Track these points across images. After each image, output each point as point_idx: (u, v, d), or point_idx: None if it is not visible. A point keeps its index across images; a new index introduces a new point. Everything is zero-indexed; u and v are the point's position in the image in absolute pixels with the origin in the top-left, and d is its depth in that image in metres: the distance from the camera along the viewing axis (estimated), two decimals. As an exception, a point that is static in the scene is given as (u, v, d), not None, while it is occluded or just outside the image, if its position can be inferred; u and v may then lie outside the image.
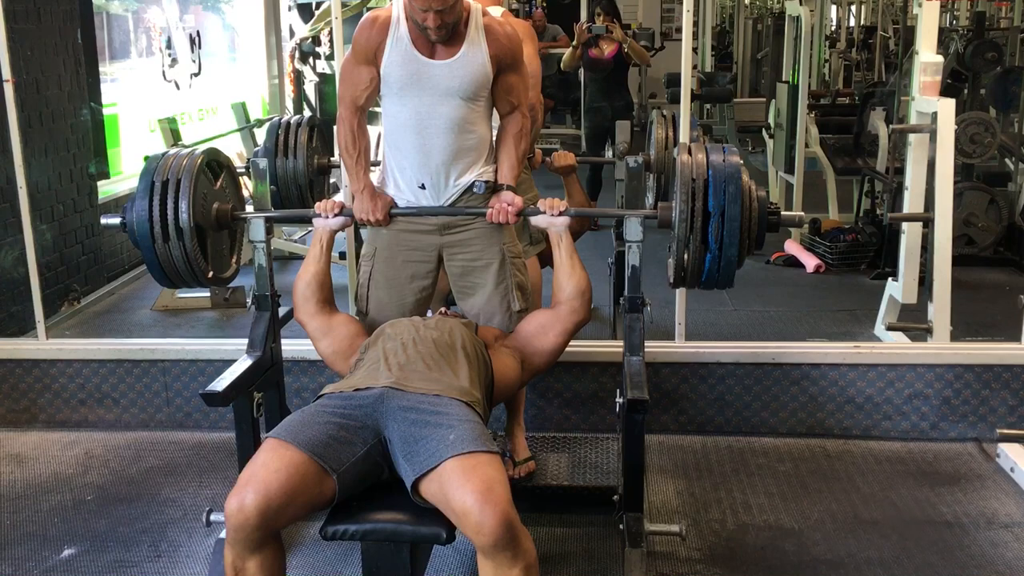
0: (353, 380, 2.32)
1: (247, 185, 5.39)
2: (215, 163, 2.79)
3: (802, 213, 2.74)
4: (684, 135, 3.48)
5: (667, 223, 2.53)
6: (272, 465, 2.03)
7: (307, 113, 6.48)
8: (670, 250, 2.55)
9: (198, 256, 2.65)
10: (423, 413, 2.15)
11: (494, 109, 2.72)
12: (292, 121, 3.66)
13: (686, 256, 2.46)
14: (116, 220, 2.70)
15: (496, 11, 3.04)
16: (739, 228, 2.39)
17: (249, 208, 2.93)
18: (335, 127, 2.75)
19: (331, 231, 2.71)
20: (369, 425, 2.18)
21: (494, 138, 2.75)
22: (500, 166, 2.69)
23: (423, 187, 2.67)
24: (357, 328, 2.65)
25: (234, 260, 2.93)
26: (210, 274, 2.74)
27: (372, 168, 2.78)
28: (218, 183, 2.78)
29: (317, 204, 2.73)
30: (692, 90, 3.98)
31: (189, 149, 2.74)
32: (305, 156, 3.58)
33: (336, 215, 2.70)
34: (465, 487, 1.96)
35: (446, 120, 2.60)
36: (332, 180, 3.83)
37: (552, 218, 2.64)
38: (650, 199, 3.87)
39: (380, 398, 2.21)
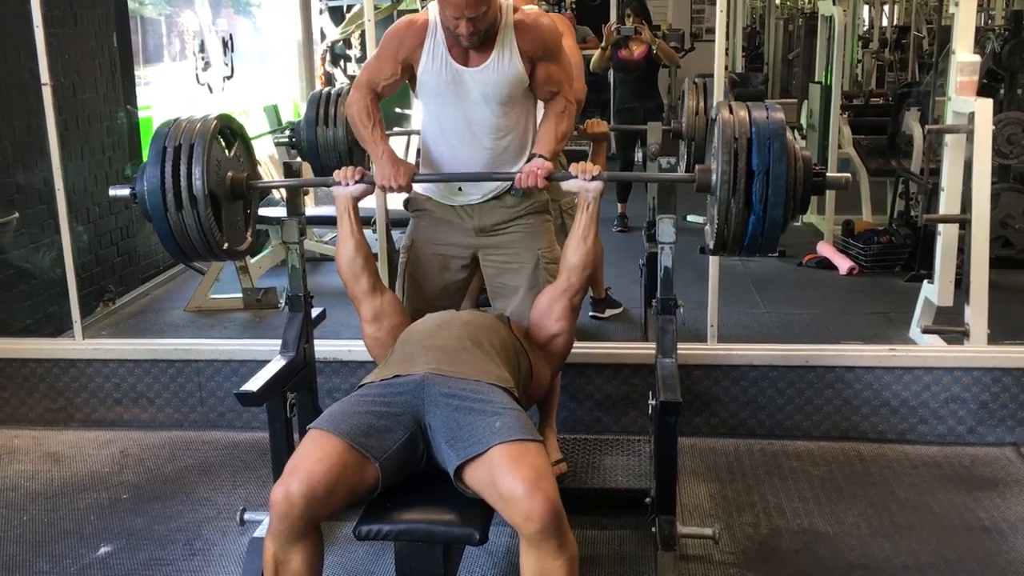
0: (391, 368, 2.33)
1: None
2: (228, 130, 2.65)
3: (848, 175, 2.53)
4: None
5: (706, 186, 2.40)
6: (315, 455, 2.06)
7: (347, 84, 6.48)
8: (709, 215, 2.45)
9: (213, 226, 2.50)
10: (466, 400, 2.16)
11: (530, 113, 2.72)
12: (332, 92, 3.67)
13: (728, 219, 2.31)
14: (125, 191, 2.57)
15: (530, 8, 3.04)
16: (784, 187, 2.25)
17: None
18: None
19: (353, 198, 2.61)
20: (409, 412, 2.19)
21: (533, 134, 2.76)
22: (539, 139, 2.66)
23: (460, 189, 2.70)
24: (401, 319, 2.61)
25: (249, 233, 2.78)
26: (225, 245, 2.60)
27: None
28: (232, 151, 2.65)
29: (336, 172, 2.61)
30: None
31: (202, 115, 2.58)
32: (345, 125, 3.58)
33: (357, 181, 2.60)
34: (515, 474, 1.97)
35: (482, 126, 2.61)
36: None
37: (585, 182, 2.54)
38: (682, 167, 3.83)
39: (420, 384, 2.22)
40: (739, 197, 2.26)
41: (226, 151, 2.62)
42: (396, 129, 5.37)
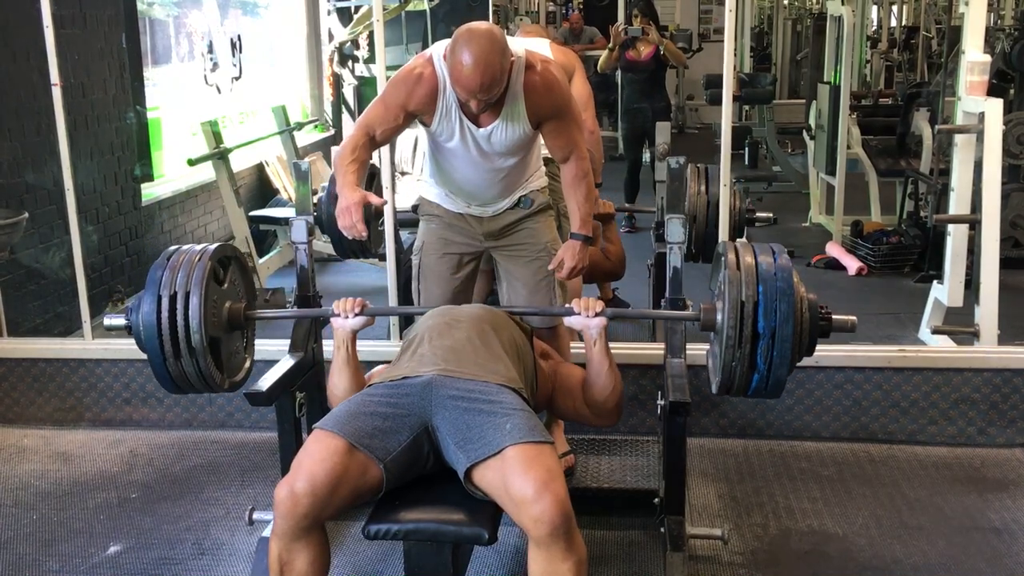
0: (400, 369, 2.33)
1: (288, 188, 5.33)
2: (224, 260, 2.52)
3: (854, 318, 2.37)
4: (725, 172, 3.43)
5: (711, 326, 2.34)
6: (318, 455, 2.07)
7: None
8: (713, 357, 2.39)
9: (212, 370, 2.41)
10: (475, 401, 2.17)
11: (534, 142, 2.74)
12: None
13: (732, 375, 2.24)
14: (121, 321, 2.46)
15: (542, 43, 3.04)
16: (791, 348, 2.18)
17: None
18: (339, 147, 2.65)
19: (352, 332, 2.45)
20: (416, 413, 2.19)
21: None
22: (571, 215, 2.68)
23: (469, 206, 2.78)
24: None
25: (248, 355, 2.65)
26: (226, 384, 2.51)
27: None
28: (227, 280, 2.51)
29: (335, 303, 2.48)
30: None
31: (199, 250, 2.44)
32: None
33: (357, 314, 2.45)
34: (525, 476, 1.98)
35: (490, 171, 2.67)
36: (381, 228, 3.74)
37: (587, 320, 2.40)
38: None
39: (428, 385, 2.22)
40: (743, 360, 2.19)
41: (222, 283, 2.50)
42: (407, 131, 5.36)
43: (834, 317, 2.32)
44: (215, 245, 2.49)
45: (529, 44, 2.74)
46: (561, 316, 2.55)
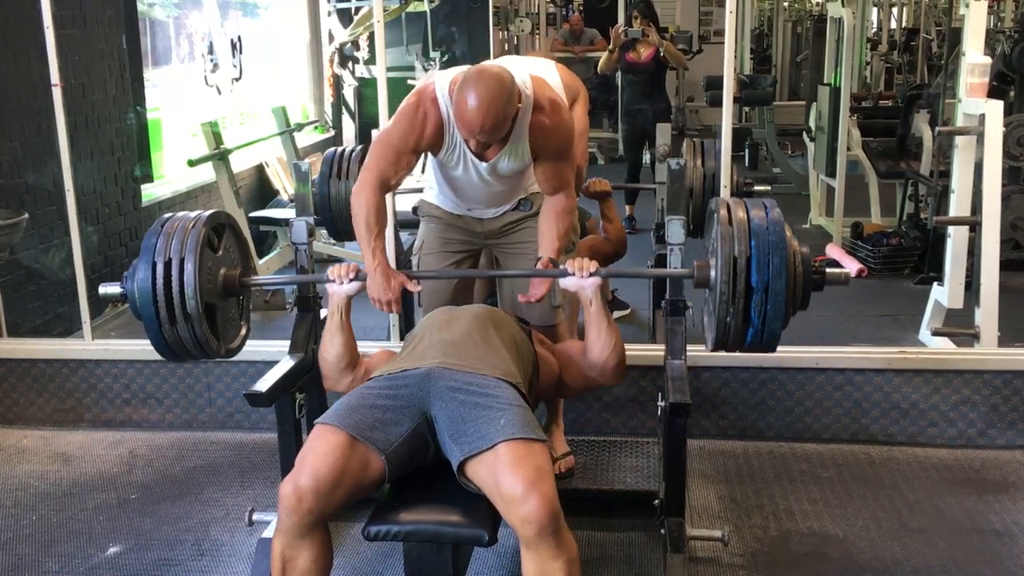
0: (401, 362, 2.34)
1: (288, 189, 5.33)
2: (218, 227, 2.54)
3: (847, 270, 2.43)
4: (725, 165, 3.42)
5: (704, 283, 2.37)
6: (321, 450, 2.08)
7: (360, 147, 6.54)
8: (708, 314, 2.41)
9: (208, 336, 2.42)
10: (472, 394, 2.17)
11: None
12: (347, 150, 3.70)
13: (726, 330, 2.25)
14: (116, 289, 2.47)
15: (548, 65, 3.05)
16: (784, 302, 2.19)
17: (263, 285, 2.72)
18: (352, 199, 2.56)
19: (347, 297, 2.48)
20: (415, 404, 2.20)
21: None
22: (541, 240, 2.64)
23: (470, 209, 2.80)
24: (389, 361, 2.50)
25: (244, 322, 2.70)
26: (222, 351, 2.54)
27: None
28: (221, 247, 2.53)
29: (330, 269, 2.50)
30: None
31: (193, 217, 2.46)
32: (354, 179, 3.61)
33: (351, 280, 2.47)
34: (515, 474, 1.98)
35: (491, 190, 2.70)
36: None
37: (581, 280, 2.42)
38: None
39: (427, 376, 2.23)
40: (738, 314, 2.20)
41: (216, 250, 2.51)
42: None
43: (828, 271, 2.35)
44: (209, 212, 2.51)
45: (535, 66, 2.74)
46: (556, 277, 2.52)
